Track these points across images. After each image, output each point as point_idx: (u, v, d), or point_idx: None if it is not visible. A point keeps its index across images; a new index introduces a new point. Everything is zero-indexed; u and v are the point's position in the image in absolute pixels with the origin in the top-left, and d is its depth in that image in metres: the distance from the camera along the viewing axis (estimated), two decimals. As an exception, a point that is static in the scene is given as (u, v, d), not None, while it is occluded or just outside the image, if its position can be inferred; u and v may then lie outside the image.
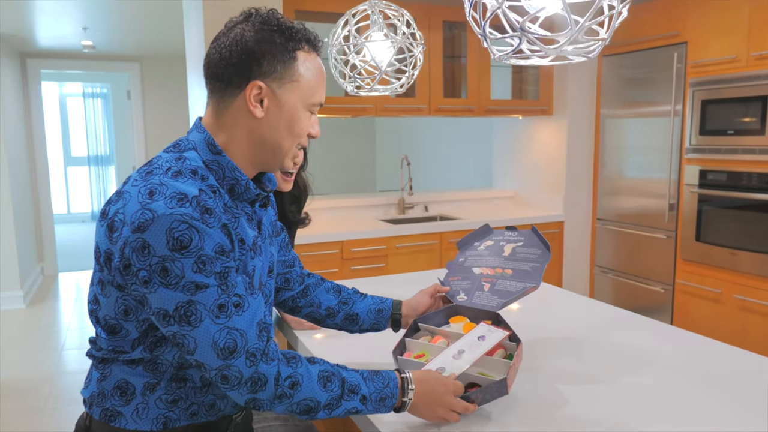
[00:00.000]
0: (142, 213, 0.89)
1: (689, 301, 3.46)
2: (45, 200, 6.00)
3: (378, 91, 1.63)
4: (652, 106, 3.64)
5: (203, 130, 1.02)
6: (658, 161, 3.63)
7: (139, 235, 0.88)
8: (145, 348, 0.99)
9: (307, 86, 1.03)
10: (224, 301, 0.92)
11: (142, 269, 0.89)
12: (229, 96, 1.01)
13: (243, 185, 1.03)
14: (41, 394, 3.32)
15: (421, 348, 1.31)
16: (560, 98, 4.11)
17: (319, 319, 1.39)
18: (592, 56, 0.96)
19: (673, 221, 3.55)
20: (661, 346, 1.53)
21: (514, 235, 1.54)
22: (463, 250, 1.58)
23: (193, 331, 0.90)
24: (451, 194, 4.37)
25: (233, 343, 0.92)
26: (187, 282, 0.89)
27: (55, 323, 4.61)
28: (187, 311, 0.90)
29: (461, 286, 1.44)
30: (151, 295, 0.90)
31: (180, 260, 0.88)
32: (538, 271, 1.40)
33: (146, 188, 0.92)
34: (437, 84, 3.77)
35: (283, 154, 1.06)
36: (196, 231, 0.89)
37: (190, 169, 0.97)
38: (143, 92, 6.46)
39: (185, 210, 0.89)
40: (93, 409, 1.02)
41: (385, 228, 3.53)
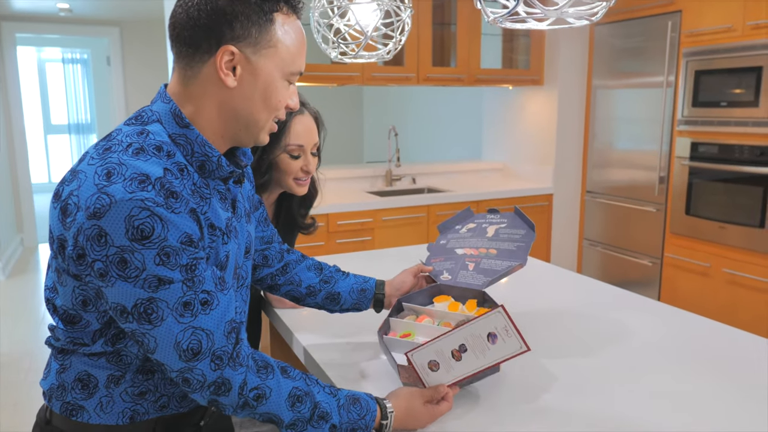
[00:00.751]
0: (98, 197, 0.79)
1: (677, 275, 3.45)
2: (23, 170, 5.85)
3: (363, 58, 1.55)
4: (644, 77, 3.57)
5: (168, 100, 0.91)
6: (649, 133, 3.57)
7: (94, 222, 0.78)
8: (107, 341, 0.91)
9: (286, 52, 0.91)
10: (190, 298, 0.83)
11: (98, 260, 0.79)
12: (197, 62, 0.89)
13: (214, 162, 0.92)
14: (21, 367, 3.25)
15: (407, 327, 1.27)
16: (551, 68, 4.02)
17: (299, 297, 1.32)
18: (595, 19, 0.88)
19: (663, 194, 3.51)
20: (650, 323, 1.49)
21: (497, 217, 1.51)
22: (444, 233, 1.53)
23: (154, 330, 0.82)
24: (440, 166, 4.30)
25: (198, 344, 0.84)
26: (149, 275, 0.80)
27: (34, 295, 4.52)
28: (147, 309, 0.81)
29: (445, 266, 1.39)
30: (107, 289, 0.81)
31: (141, 251, 0.79)
32: (523, 250, 1.36)
33: (103, 168, 0.81)
34: (426, 52, 3.67)
35: (258, 129, 0.95)
36: (159, 219, 0.79)
37: (154, 144, 0.86)
38: (123, 58, 6.26)
39: (147, 194, 0.79)
40: (53, 403, 0.95)
41: (371, 200, 3.46)
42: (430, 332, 1.23)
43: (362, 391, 0.98)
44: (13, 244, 5.49)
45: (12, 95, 5.71)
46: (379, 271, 1.52)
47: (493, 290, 1.40)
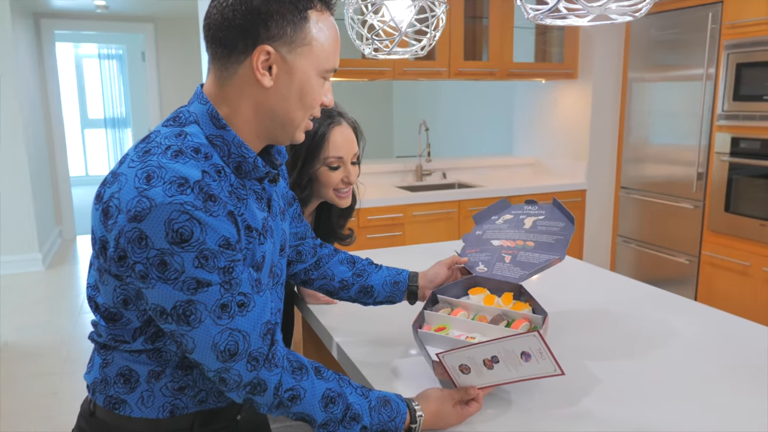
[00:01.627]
0: (138, 200, 0.80)
1: (715, 274, 3.37)
2: (62, 163, 6.00)
3: (397, 54, 1.54)
4: (682, 70, 3.48)
5: (206, 101, 0.91)
6: (687, 128, 3.48)
7: (135, 225, 0.80)
8: (147, 339, 0.93)
9: (321, 50, 0.91)
10: (227, 300, 0.84)
11: (139, 262, 0.81)
12: (232, 63, 0.89)
13: (251, 163, 0.92)
14: (59, 357, 3.35)
15: (442, 321, 1.25)
16: (586, 61, 3.95)
17: (333, 291, 1.33)
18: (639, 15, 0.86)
19: (701, 190, 3.43)
20: (689, 324, 1.46)
21: (535, 208, 1.46)
22: (481, 223, 1.50)
23: (192, 332, 0.84)
24: (470, 161, 4.27)
25: (235, 345, 0.85)
26: (188, 278, 0.81)
27: (73, 286, 4.64)
28: (186, 311, 0.83)
29: (480, 257, 1.36)
30: (147, 291, 0.83)
31: (180, 254, 0.80)
32: (562, 244, 1.32)
33: (143, 171, 0.82)
34: (458, 46, 3.63)
35: (294, 127, 0.95)
36: (197, 222, 0.80)
37: (192, 147, 0.87)
38: (157, 54, 6.36)
39: (186, 198, 0.80)
40: (96, 396, 0.97)
41: (402, 195, 3.45)
42: (465, 326, 1.22)
43: (393, 393, 0.99)
44: (52, 236, 5.64)
45: (51, 90, 5.85)
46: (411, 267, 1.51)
47: (528, 285, 1.37)
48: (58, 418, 2.72)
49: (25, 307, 4.13)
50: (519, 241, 1.37)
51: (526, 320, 1.20)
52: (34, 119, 5.31)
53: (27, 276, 4.84)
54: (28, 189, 4.82)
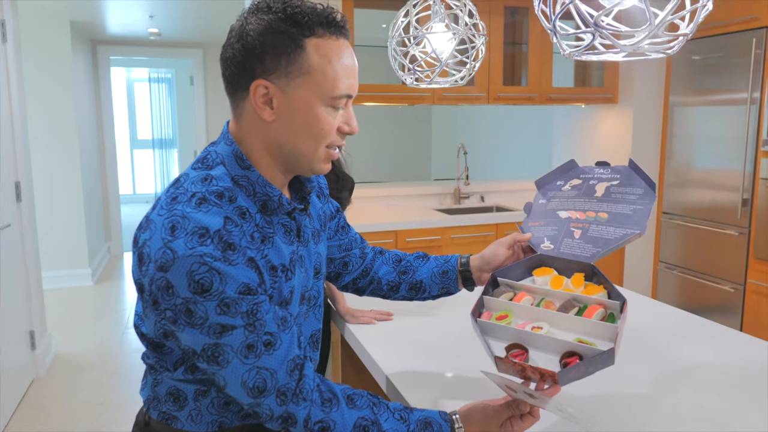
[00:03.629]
0: (164, 252, 0.84)
1: (761, 302, 3.28)
2: (112, 181, 6.25)
3: (438, 84, 1.59)
4: (726, 94, 3.44)
5: (231, 142, 0.94)
6: (731, 152, 3.43)
7: (162, 275, 0.84)
8: (187, 369, 0.98)
9: (321, 78, 0.88)
10: (253, 341, 0.87)
11: (168, 309, 0.86)
12: (239, 100, 0.92)
13: (276, 201, 0.94)
14: (106, 369, 3.47)
15: (503, 307, 1.10)
16: (626, 86, 3.94)
17: (384, 294, 1.29)
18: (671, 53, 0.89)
19: (746, 217, 3.36)
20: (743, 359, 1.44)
21: (608, 171, 1.25)
22: (544, 190, 1.29)
23: (222, 371, 0.88)
24: (508, 184, 4.28)
25: (263, 383, 0.89)
26: (213, 324, 0.85)
27: (119, 301, 4.81)
28: (214, 353, 0.87)
29: (545, 232, 1.19)
30: (179, 333, 0.88)
31: (203, 303, 0.84)
32: (641, 215, 1.12)
33: (169, 221, 0.86)
34: (497, 72, 3.68)
35: (308, 159, 0.94)
36: (217, 273, 0.83)
37: (216, 192, 0.89)
38: (205, 78, 6.60)
39: (206, 249, 0.83)
40: (150, 411, 1.04)
41: (440, 218, 3.49)
42: (530, 314, 1.07)
43: (436, 411, 0.99)
44: (101, 251, 5.86)
45: (105, 113, 6.13)
46: None
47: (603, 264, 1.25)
48: (106, 427, 2.82)
49: (74, 321, 4.31)
50: (590, 212, 1.18)
51: (601, 306, 1.04)
52: (89, 140, 5.57)
53: (77, 290, 5.04)
54: (81, 207, 5.04)
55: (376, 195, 3.95)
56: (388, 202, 3.98)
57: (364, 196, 3.90)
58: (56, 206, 4.94)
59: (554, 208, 1.23)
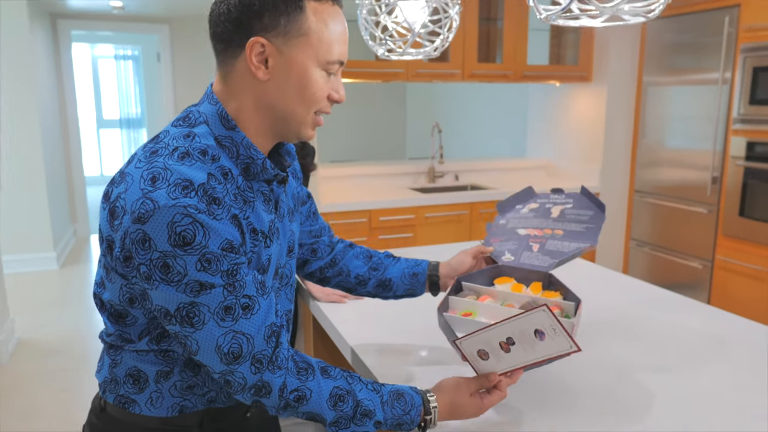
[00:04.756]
0: (142, 202, 0.80)
1: (729, 279, 3.33)
2: (77, 163, 6.07)
3: (410, 55, 1.54)
4: (698, 74, 3.45)
5: (215, 102, 0.92)
6: (702, 132, 3.45)
7: (139, 227, 0.80)
8: (152, 339, 0.93)
9: (318, 41, 0.89)
10: (231, 302, 0.84)
11: (143, 264, 0.81)
12: (230, 57, 0.90)
13: (259, 165, 0.92)
14: (72, 355, 3.38)
15: (468, 306, 1.19)
16: (600, 64, 3.93)
17: (350, 288, 1.30)
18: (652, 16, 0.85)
19: (715, 195, 3.39)
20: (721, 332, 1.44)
21: (562, 197, 1.41)
22: (504, 212, 1.44)
23: (196, 333, 0.84)
24: (483, 163, 4.26)
25: (238, 348, 0.85)
26: (191, 281, 0.81)
27: (87, 285, 4.69)
28: (189, 312, 0.83)
29: (506, 246, 1.30)
30: (152, 292, 0.84)
31: (182, 257, 0.80)
32: (593, 232, 1.26)
33: (149, 172, 0.83)
34: (471, 48, 3.63)
35: (297, 123, 0.93)
36: (200, 226, 0.80)
37: (199, 149, 0.87)
38: (173, 54, 6.41)
39: (190, 201, 0.80)
40: (107, 395, 0.99)
41: (414, 197, 3.45)
42: (493, 312, 1.15)
43: (407, 385, 0.98)
44: (66, 234, 5.70)
45: (67, 91, 5.92)
46: None
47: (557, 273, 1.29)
48: (72, 414, 2.75)
49: (39, 306, 4.18)
50: (547, 230, 1.31)
51: (557, 307, 1.14)
52: (50, 119, 5.38)
53: (41, 275, 4.89)
54: (43, 188, 4.88)
55: (350, 174, 3.89)
56: (361, 181, 3.93)
57: (337, 175, 3.84)
58: (17, 187, 4.77)
59: (514, 226, 1.36)
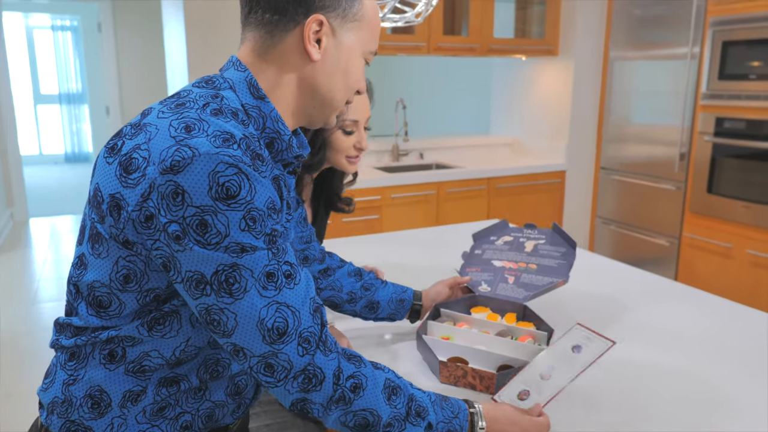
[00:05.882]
0: (177, 149, 0.68)
1: (696, 255, 3.33)
2: (11, 141, 5.64)
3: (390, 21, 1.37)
4: (666, 48, 3.39)
5: (244, 69, 0.82)
6: (669, 107, 3.40)
7: (170, 178, 0.68)
8: (143, 323, 0.76)
9: (368, 29, 0.86)
10: (273, 268, 0.72)
11: (174, 221, 0.68)
12: (280, 30, 0.81)
13: (285, 141, 0.83)
14: (13, 352, 3.12)
15: (446, 331, 1.24)
16: (567, 38, 3.83)
17: (339, 304, 1.26)
18: None
19: (683, 171, 3.37)
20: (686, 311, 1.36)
21: (535, 232, 1.50)
22: (479, 243, 1.51)
23: (235, 305, 0.70)
24: (447, 140, 4.13)
25: (284, 322, 0.72)
26: (231, 242, 0.69)
27: (26, 273, 4.37)
28: (229, 277, 0.70)
29: (482, 277, 1.37)
30: (182, 255, 0.69)
31: (225, 213, 0.68)
32: (564, 267, 1.34)
33: (180, 122, 0.71)
34: (437, 20, 3.47)
35: (332, 109, 0.88)
36: (246, 178, 0.69)
37: (231, 109, 0.77)
38: (115, 25, 6.01)
39: (234, 151, 0.70)
40: (51, 419, 0.80)
41: (379, 177, 3.30)
42: (470, 337, 1.21)
43: None
44: (2, 219, 5.31)
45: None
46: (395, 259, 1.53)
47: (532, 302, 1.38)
48: (12, 424, 2.51)
49: (-26, 297, 3.86)
50: (521, 263, 1.38)
51: (530, 337, 1.19)
52: (-20, 94, 4.94)
53: (-24, 262, 4.53)
54: (-25, 169, 4.49)
55: (310, 153, 3.69)
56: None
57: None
58: (-55, 169, 4.37)
59: (489, 258, 1.43)
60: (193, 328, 0.79)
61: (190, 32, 3.06)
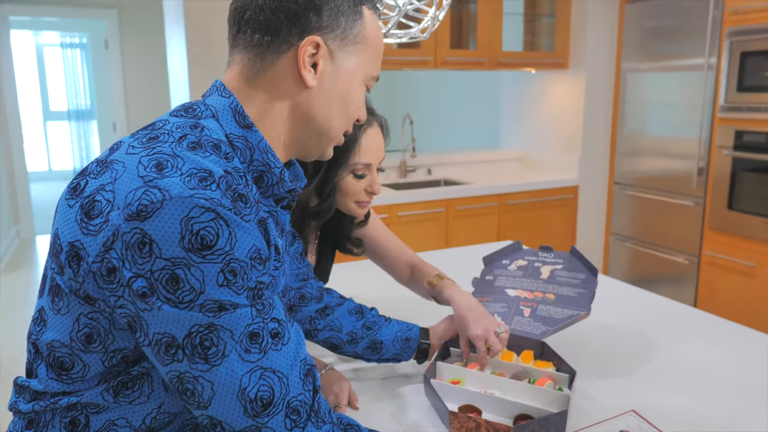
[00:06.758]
0: (145, 191, 0.59)
1: (716, 274, 3.20)
2: (18, 158, 5.62)
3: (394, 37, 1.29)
4: (681, 59, 3.29)
5: (228, 95, 0.73)
6: (686, 120, 3.30)
7: (137, 225, 0.59)
8: (109, 388, 0.67)
9: (371, 52, 0.79)
10: (258, 327, 0.63)
11: (140, 275, 0.59)
12: (271, 53, 0.73)
13: (276, 175, 0.74)
14: (20, 371, 3.04)
15: (456, 373, 1.14)
16: (577, 50, 3.74)
17: (339, 345, 1.15)
18: None
19: (701, 186, 3.25)
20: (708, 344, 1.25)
21: (551, 256, 1.37)
22: (491, 267, 1.39)
23: (211, 372, 0.61)
24: (455, 155, 4.04)
25: (269, 391, 0.63)
26: (208, 300, 0.60)
27: (31, 292, 4.31)
28: (205, 339, 0.60)
29: (495, 309, 1.25)
30: (149, 314, 0.60)
31: (199, 266, 0.59)
32: (585, 298, 1.22)
33: (151, 158, 0.62)
34: (444, 33, 3.39)
35: (329, 139, 0.79)
36: (225, 224, 0.60)
37: (212, 142, 0.68)
38: (122, 41, 5.99)
39: (212, 194, 0.60)
40: None
41: (386, 194, 3.21)
42: (483, 381, 1.11)
43: None
44: (8, 236, 5.28)
45: (6, 80, 5.46)
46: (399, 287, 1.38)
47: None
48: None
49: (-24, 318, 3.80)
50: (537, 293, 1.26)
51: (550, 379, 1.09)
52: (-13, 112, 4.93)
53: (-20, 282, 4.48)
54: (-20, 188, 4.46)
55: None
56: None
57: (302, 172, 3.56)
58: (-51, 188, 4.34)
59: (502, 285, 1.31)
60: (166, 392, 0.69)
61: (191, 49, 3.01)
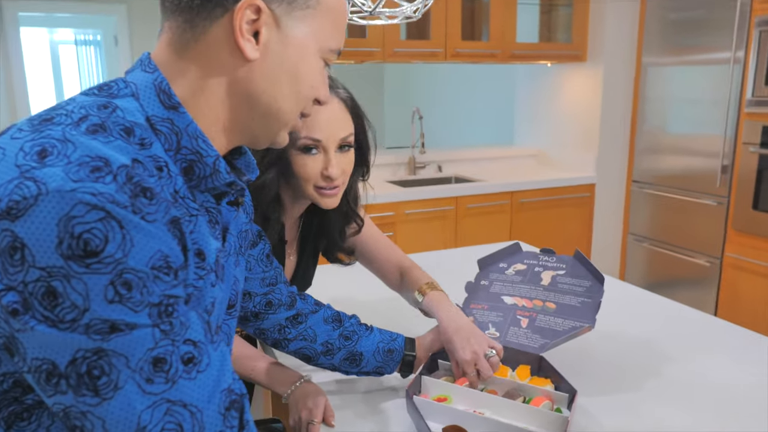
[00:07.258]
0: (18, 185, 0.48)
1: (740, 277, 3.03)
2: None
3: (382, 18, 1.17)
4: (705, 53, 3.12)
5: (153, 69, 0.62)
6: (709, 116, 3.13)
7: (6, 225, 0.47)
8: (0, 421, 0.56)
9: (328, 18, 0.65)
10: (164, 352, 0.51)
11: (11, 288, 0.47)
12: (202, 19, 0.60)
13: (209, 165, 0.62)
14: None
15: (443, 389, 1.03)
16: (596, 43, 3.58)
17: (312, 356, 1.05)
18: None
19: (725, 185, 3.08)
20: None
21: (553, 260, 1.25)
22: (487, 270, 1.28)
23: (102, 407, 0.49)
24: (467, 152, 3.91)
25: (177, 429, 0.51)
26: (95, 320, 0.48)
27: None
28: (93, 367, 0.48)
29: (490, 317, 1.15)
30: (24, 336, 0.49)
31: (81, 277, 0.47)
32: (589, 308, 1.11)
33: (34, 144, 0.51)
34: (455, 24, 3.26)
35: (279, 122, 0.66)
36: (117, 226, 0.48)
37: (122, 125, 0.56)
38: (131, 38, 5.95)
39: (103, 187, 0.48)
40: None
41: (394, 191, 3.09)
42: (472, 399, 1.00)
43: None
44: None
45: (17, 79, 5.43)
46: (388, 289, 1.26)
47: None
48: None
49: None
50: (537, 301, 1.16)
51: (547, 398, 0.99)
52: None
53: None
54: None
55: (322, 167, 3.51)
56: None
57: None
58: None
59: (498, 292, 1.21)
60: None
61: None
